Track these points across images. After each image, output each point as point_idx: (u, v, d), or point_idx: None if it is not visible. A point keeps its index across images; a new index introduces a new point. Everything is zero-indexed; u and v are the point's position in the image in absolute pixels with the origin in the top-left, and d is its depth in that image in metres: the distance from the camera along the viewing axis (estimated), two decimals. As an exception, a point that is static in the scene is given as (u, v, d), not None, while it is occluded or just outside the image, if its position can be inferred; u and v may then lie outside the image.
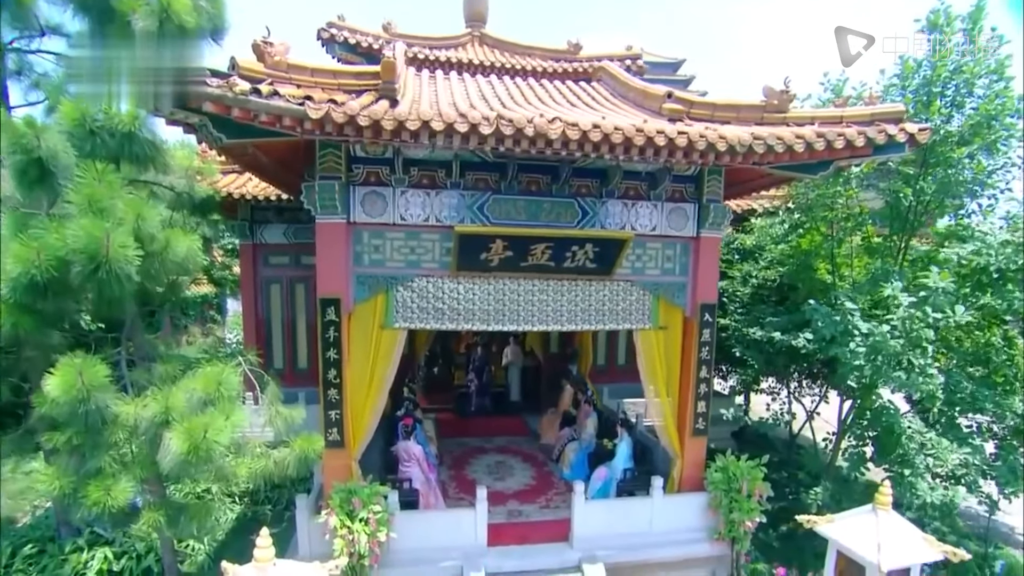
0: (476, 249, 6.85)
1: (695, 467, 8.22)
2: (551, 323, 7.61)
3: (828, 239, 9.48)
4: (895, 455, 7.36)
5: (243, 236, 11.88)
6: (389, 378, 7.24)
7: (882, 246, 9.23)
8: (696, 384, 8.03)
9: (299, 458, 5.43)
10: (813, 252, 10.08)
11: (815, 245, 10.04)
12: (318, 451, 5.61)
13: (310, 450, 5.44)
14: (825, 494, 8.07)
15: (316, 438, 5.61)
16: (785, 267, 10.99)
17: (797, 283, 10.47)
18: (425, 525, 7.25)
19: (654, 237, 7.78)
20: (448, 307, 7.26)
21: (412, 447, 8.27)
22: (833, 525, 5.75)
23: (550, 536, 7.86)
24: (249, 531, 9.83)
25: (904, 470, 7.47)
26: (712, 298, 8.00)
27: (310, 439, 5.50)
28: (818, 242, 10.20)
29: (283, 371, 12.67)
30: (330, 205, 6.63)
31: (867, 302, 8.47)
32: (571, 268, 7.33)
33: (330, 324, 6.88)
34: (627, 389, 13.09)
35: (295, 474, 5.57)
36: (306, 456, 5.44)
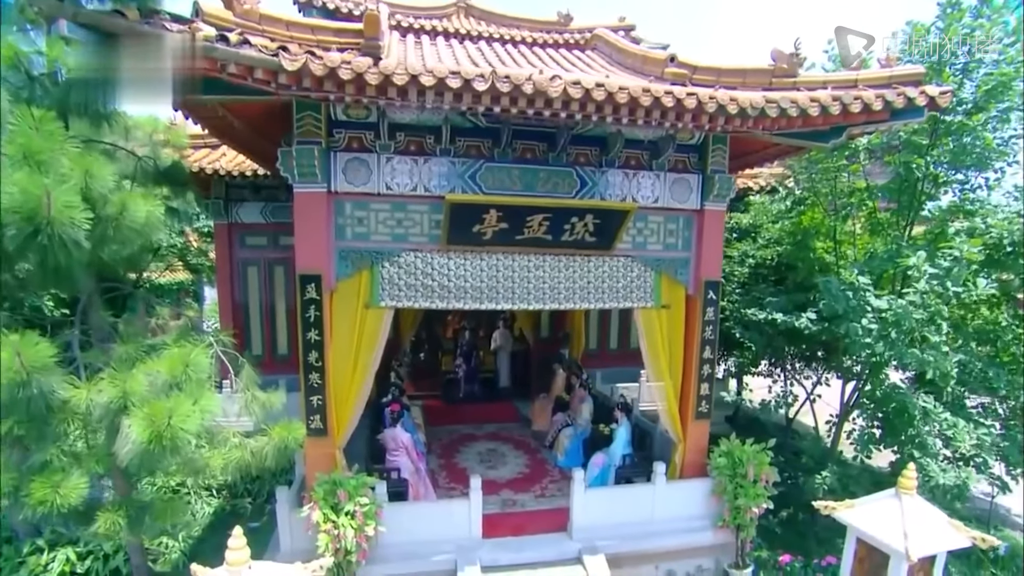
0: (468, 221, 6.35)
1: (698, 452, 7.86)
2: (548, 301, 7.15)
3: (830, 216, 9.14)
4: (907, 436, 7.05)
5: (217, 215, 11.21)
6: (375, 361, 6.74)
7: (887, 222, 8.90)
8: (699, 365, 7.65)
9: (278, 448, 4.93)
10: (813, 230, 9.75)
11: (816, 223, 9.71)
12: (299, 440, 5.11)
13: (290, 439, 4.94)
14: (832, 478, 7.76)
15: (296, 426, 5.10)
16: (783, 246, 10.68)
17: (796, 262, 10.16)
18: (415, 517, 6.80)
19: (656, 210, 7.34)
20: (438, 284, 6.76)
21: (400, 435, 7.80)
22: (853, 511, 5.41)
23: (547, 526, 7.46)
24: (228, 526, 9.25)
25: (915, 452, 7.19)
26: (716, 275, 7.60)
27: (290, 427, 5.00)
28: (819, 219, 9.87)
29: (262, 358, 12.07)
30: (309, 172, 6.08)
31: (872, 279, 8.16)
32: (569, 242, 6.87)
33: (310, 303, 6.35)
34: (620, 373, 12.69)
35: (274, 465, 5.07)
36: (286, 446, 4.94)
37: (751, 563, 7.63)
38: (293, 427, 5.01)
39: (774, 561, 8.12)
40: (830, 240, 9.48)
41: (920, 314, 6.49)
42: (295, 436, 4.98)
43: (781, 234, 10.98)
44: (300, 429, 5.10)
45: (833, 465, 8.06)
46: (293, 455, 5.43)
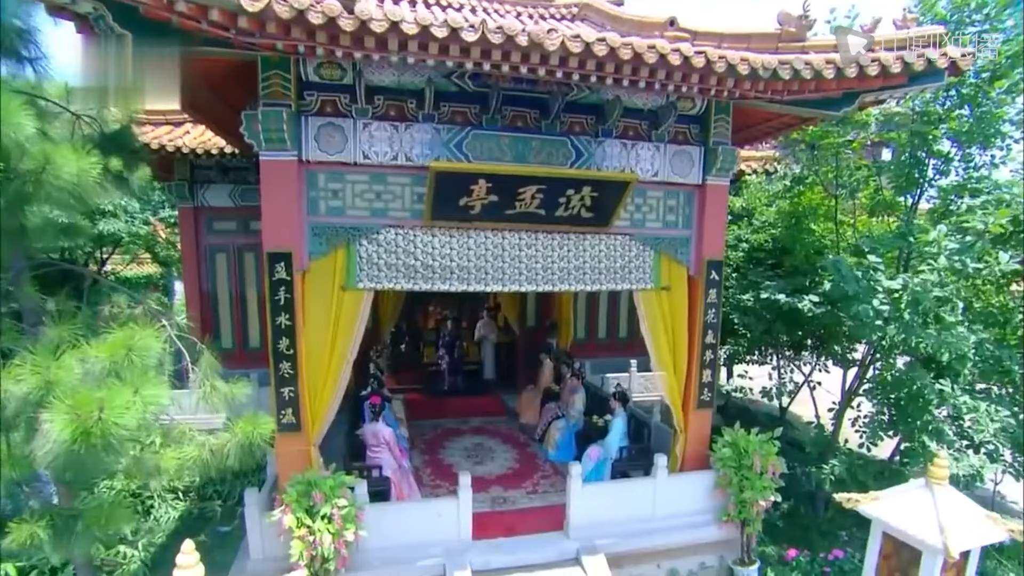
0: (455, 192, 5.77)
1: (699, 443, 7.41)
2: (540, 283, 6.62)
3: (831, 196, 8.73)
4: (921, 423, 6.67)
5: (182, 198, 10.46)
6: (352, 349, 6.13)
7: (889, 202, 8.51)
8: (701, 351, 7.18)
9: (241, 446, 4.32)
10: (812, 211, 9.36)
11: (815, 203, 9.31)
12: (265, 436, 4.49)
13: (255, 435, 4.32)
14: (840, 468, 7.36)
15: (263, 420, 4.49)
16: (778, 228, 10.31)
17: (794, 245, 9.78)
18: (400, 519, 6.22)
19: (655, 184, 6.85)
20: (422, 264, 6.18)
21: (382, 429, 7.21)
22: (878, 504, 4.97)
23: (542, 525, 6.95)
24: (195, 531, 8.64)
25: (925, 439, 6.82)
26: (719, 254, 7.13)
27: (255, 421, 4.39)
28: (818, 200, 9.48)
29: (233, 351, 11.39)
30: (277, 139, 5.44)
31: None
32: (564, 218, 6.33)
33: (280, 284, 5.73)
34: (609, 364, 12.27)
35: (237, 465, 4.45)
36: (251, 443, 4.32)
37: (757, 559, 7.21)
38: (258, 422, 4.40)
39: (779, 556, 7.71)
40: (830, 221, 9.08)
41: (940, 292, 6.10)
42: (261, 432, 4.37)
43: (776, 217, 10.61)
44: (267, 424, 4.48)
45: (841, 454, 7.66)
46: (264, 454, 4.79)
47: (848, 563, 7.48)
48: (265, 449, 4.53)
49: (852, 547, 8.00)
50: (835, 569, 7.39)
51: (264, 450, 4.51)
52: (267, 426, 4.42)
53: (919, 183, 7.76)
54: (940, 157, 7.66)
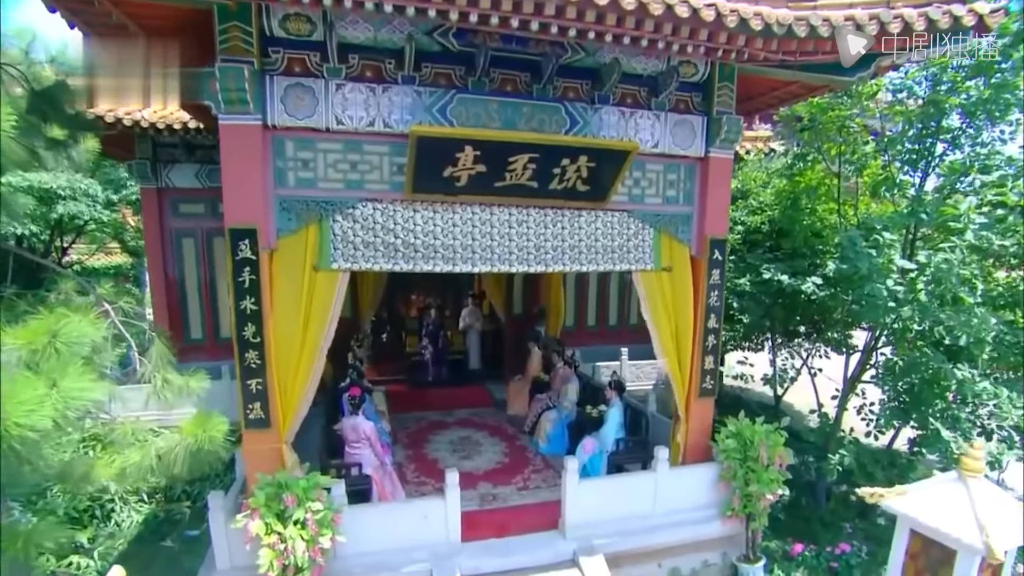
0: (439, 161, 5.21)
1: (701, 433, 6.97)
2: (532, 263, 6.10)
3: (835, 173, 8.29)
4: (937, 410, 6.29)
5: (144, 178, 9.74)
6: (327, 336, 5.57)
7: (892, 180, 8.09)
8: (704, 336, 6.73)
9: (192, 449, 3.74)
10: (812, 190, 8.93)
11: (816, 182, 8.88)
12: (218, 438, 3.90)
13: (205, 437, 3.74)
14: (849, 458, 6.97)
15: (216, 419, 3.90)
16: (776, 210, 9.89)
17: (793, 226, 9.36)
18: (382, 521, 5.69)
19: (655, 157, 6.35)
20: (402, 242, 5.62)
21: (362, 424, 6.66)
22: (906, 499, 4.55)
23: (535, 524, 6.46)
24: (161, 535, 8.04)
25: (940, 427, 6.46)
26: (722, 232, 6.67)
27: (207, 420, 3.81)
28: (818, 179, 9.05)
29: (203, 342, 10.76)
30: (238, 99, 4.83)
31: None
32: (558, 192, 5.81)
33: (244, 264, 5.14)
34: (598, 352, 11.84)
35: (187, 472, 3.87)
36: (202, 446, 3.74)
37: (762, 556, 6.81)
38: (212, 420, 3.81)
39: (784, 551, 7.34)
40: (831, 202, 8.66)
41: (965, 270, 5.70)
42: (214, 433, 3.78)
43: (774, 198, 10.20)
44: (220, 423, 3.90)
45: (849, 444, 7.28)
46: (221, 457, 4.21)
47: (855, 557, 7.13)
48: (219, 453, 3.95)
49: (856, 539, 7.67)
50: (842, 564, 7.04)
51: (217, 454, 3.92)
52: (220, 426, 3.84)
53: (928, 159, 7.34)
54: (948, 133, 7.24)
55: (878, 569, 7.12)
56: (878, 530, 7.91)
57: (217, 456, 4.15)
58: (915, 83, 7.32)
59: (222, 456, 4.20)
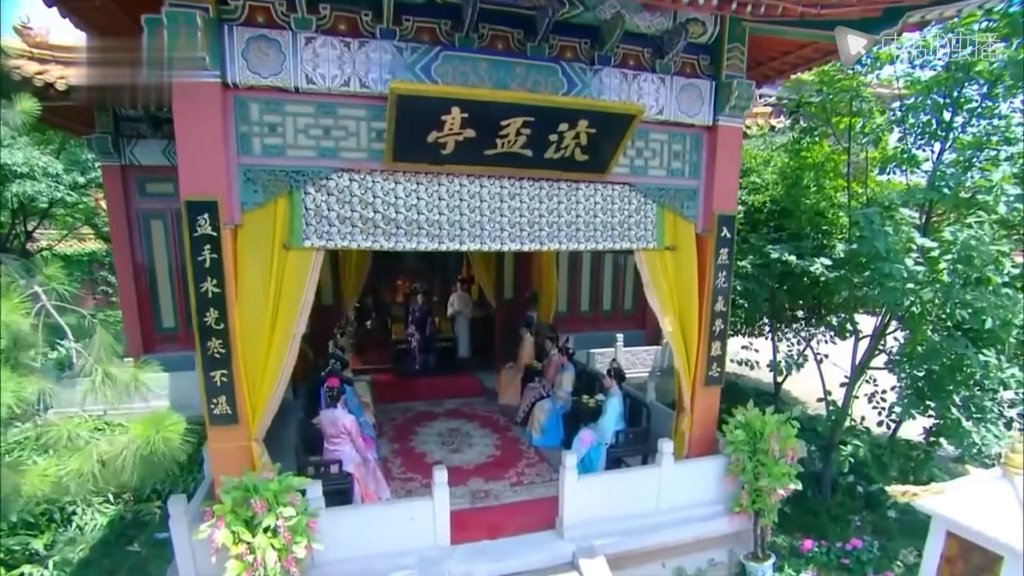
0: (422, 124, 4.64)
1: (706, 424, 6.53)
2: (526, 240, 5.58)
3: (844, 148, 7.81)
4: (961, 397, 5.88)
5: (105, 154, 9.02)
6: (299, 322, 5.01)
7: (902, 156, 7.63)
8: (711, 320, 6.26)
9: (142, 453, 3.20)
10: (819, 167, 8.46)
11: (821, 159, 8.40)
12: (174, 438, 3.36)
13: (159, 439, 3.20)
14: (863, 450, 6.56)
15: (170, 418, 3.37)
16: (779, 188, 9.43)
17: (796, 206, 8.91)
18: (364, 524, 5.18)
19: (660, 125, 5.83)
20: (382, 217, 5.07)
21: (341, 417, 6.13)
22: (943, 498, 4.12)
23: (530, 523, 6.00)
24: (128, 539, 7.46)
25: (961, 416, 6.06)
26: (731, 208, 6.18)
27: (161, 419, 3.27)
28: (825, 155, 8.58)
29: (175, 331, 10.12)
30: (191, 53, 4.23)
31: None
32: (555, 161, 5.27)
33: (204, 241, 4.57)
34: (592, 338, 11.37)
35: (136, 480, 3.34)
36: (155, 449, 3.20)
37: (771, 554, 6.41)
38: (164, 420, 3.27)
39: (792, 547, 6.95)
40: (840, 178, 8.19)
41: (1001, 246, 5.26)
42: (169, 434, 3.24)
43: (777, 176, 9.74)
44: (175, 423, 3.36)
45: (862, 434, 6.87)
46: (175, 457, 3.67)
47: (866, 552, 6.77)
48: (176, 456, 3.41)
49: (865, 533, 7.32)
50: (853, 559, 6.69)
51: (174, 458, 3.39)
52: (175, 426, 3.30)
53: (948, 130, 6.88)
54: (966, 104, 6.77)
55: (890, 564, 6.77)
56: (887, 523, 7.56)
57: (174, 460, 3.63)
58: (932, 52, 6.85)
59: (179, 460, 3.67)
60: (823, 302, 9.31)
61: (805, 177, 8.37)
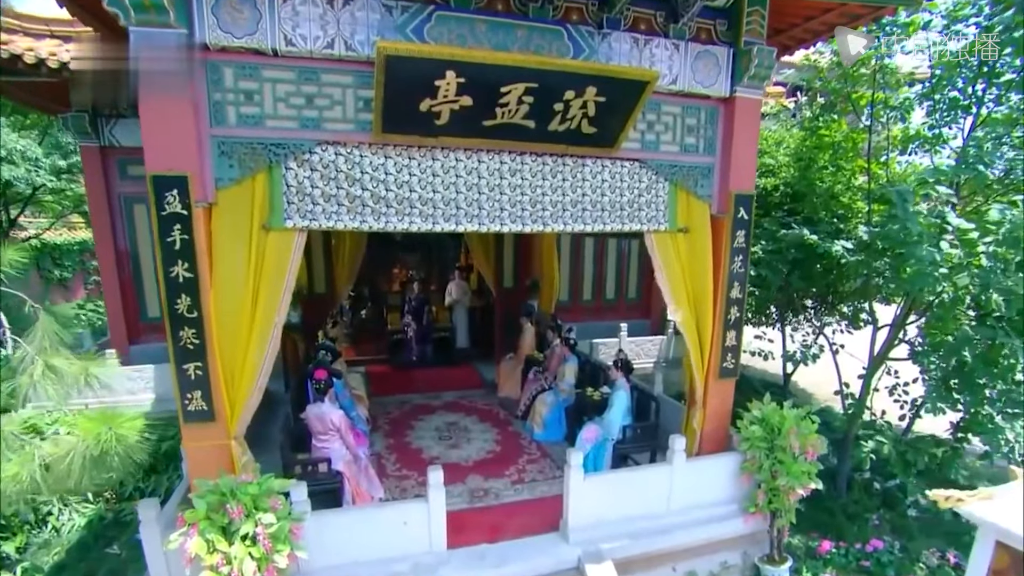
0: (414, 90, 4.19)
1: (720, 419, 6.14)
2: (528, 221, 5.15)
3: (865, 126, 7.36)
4: (999, 390, 5.48)
5: (82, 134, 8.56)
6: (282, 309, 4.58)
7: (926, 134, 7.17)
8: (726, 307, 5.84)
9: (93, 455, 2.78)
10: (838, 146, 8.01)
11: (842, 137, 7.95)
12: (130, 437, 2.95)
13: (111, 438, 2.78)
14: (888, 446, 6.16)
15: (126, 416, 2.96)
16: (794, 170, 8.99)
17: (811, 188, 8.49)
18: (354, 529, 4.78)
19: (673, 96, 5.39)
20: (371, 195, 4.63)
21: (329, 412, 5.72)
22: (992, 504, 3.72)
23: (532, 524, 5.61)
24: (107, 541, 7.06)
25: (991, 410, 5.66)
26: (749, 187, 5.74)
27: (111, 416, 2.86)
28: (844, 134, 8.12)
29: (162, 321, 9.64)
30: (153, 4, 3.77)
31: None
32: (560, 134, 4.82)
33: (173, 221, 4.15)
34: (595, 328, 10.99)
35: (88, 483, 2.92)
36: (107, 450, 2.79)
37: (788, 556, 6.03)
38: (117, 416, 2.86)
39: (809, 548, 6.58)
40: (861, 159, 7.75)
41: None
42: (125, 432, 2.83)
43: (790, 157, 9.31)
44: (130, 421, 2.95)
45: (886, 430, 6.48)
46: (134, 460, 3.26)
47: (887, 554, 6.40)
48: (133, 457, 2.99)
49: (884, 532, 6.95)
50: (874, 562, 6.32)
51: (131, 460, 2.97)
52: (131, 423, 2.89)
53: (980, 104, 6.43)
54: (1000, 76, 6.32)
55: (912, 566, 6.40)
56: (906, 522, 7.18)
57: (131, 460, 3.22)
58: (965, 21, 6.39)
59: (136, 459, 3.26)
60: (837, 290, 8.91)
61: (821, 157, 7.93)
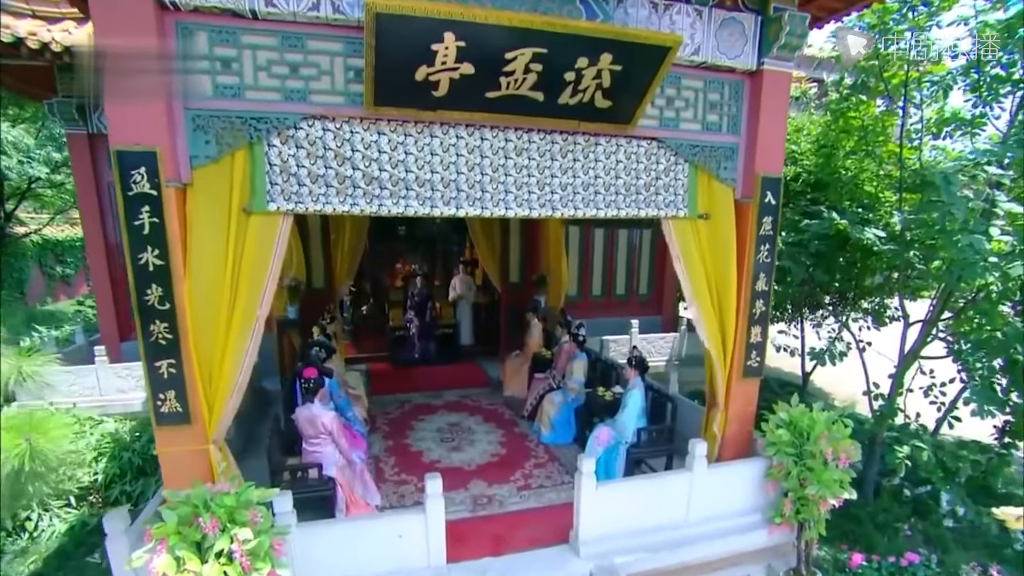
0: (409, 55, 3.75)
1: (743, 421, 5.68)
2: (535, 205, 4.70)
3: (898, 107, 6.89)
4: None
5: (69, 121, 8.17)
6: (264, 301, 4.16)
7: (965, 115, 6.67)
8: (751, 301, 5.38)
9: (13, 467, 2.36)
10: (866, 130, 7.53)
11: (871, 121, 7.47)
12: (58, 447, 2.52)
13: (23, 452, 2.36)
14: (927, 452, 5.68)
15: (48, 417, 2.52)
16: (819, 157, 8.54)
17: (836, 176, 8.03)
18: (344, 542, 4.35)
19: (695, 69, 4.93)
20: (363, 175, 4.20)
21: (320, 414, 5.29)
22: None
23: (540, 535, 5.17)
24: (88, 548, 6.67)
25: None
26: (777, 169, 5.27)
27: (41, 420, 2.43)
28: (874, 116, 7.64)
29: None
30: (112, -43, 3.36)
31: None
32: (571, 108, 4.37)
33: (140, 202, 3.72)
34: (605, 324, 10.53)
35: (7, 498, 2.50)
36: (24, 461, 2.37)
37: (816, 570, 5.57)
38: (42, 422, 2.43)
39: (838, 561, 6.13)
40: (892, 143, 7.27)
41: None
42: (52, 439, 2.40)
43: (813, 144, 8.85)
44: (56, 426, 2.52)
45: (925, 434, 6.01)
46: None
47: (923, 568, 5.96)
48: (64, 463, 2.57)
49: (916, 544, 6.48)
50: (911, 577, 5.85)
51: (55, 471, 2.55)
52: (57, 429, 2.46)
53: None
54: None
55: (950, 581, 5.95)
56: (941, 532, 6.71)
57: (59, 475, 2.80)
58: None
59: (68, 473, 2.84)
60: (859, 284, 8.44)
61: (848, 141, 7.46)
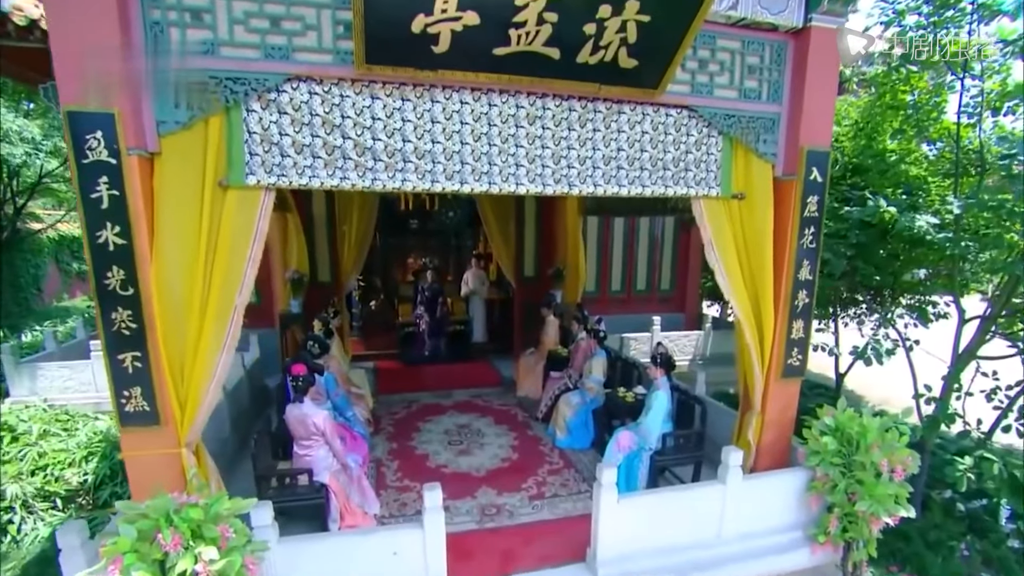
0: (404, 4, 3.23)
1: (782, 427, 5.09)
2: (549, 181, 4.17)
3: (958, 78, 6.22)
4: None
5: (62, 104, 7.81)
6: (244, 286, 3.68)
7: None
8: (792, 292, 4.79)
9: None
10: (916, 108, 6.87)
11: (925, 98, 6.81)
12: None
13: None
14: (996, 466, 5.03)
15: None
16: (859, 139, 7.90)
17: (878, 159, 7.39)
18: (331, 560, 3.87)
19: (732, 28, 4.35)
20: (355, 144, 3.70)
21: (311, 415, 4.80)
22: None
23: (553, 551, 4.64)
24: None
25: None
26: (825, 141, 4.66)
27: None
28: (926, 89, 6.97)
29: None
30: None
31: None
32: (591, 69, 3.81)
33: (97, 171, 3.29)
34: (625, 322, 10.00)
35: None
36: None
37: (862, 593, 4.96)
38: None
39: (885, 581, 5.50)
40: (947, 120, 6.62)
41: None
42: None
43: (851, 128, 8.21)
44: None
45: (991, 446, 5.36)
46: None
47: (985, 592, 5.28)
48: None
49: (975, 566, 5.83)
50: (969, 602, 5.20)
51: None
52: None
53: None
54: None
55: (1017, 611, 5.29)
56: (1003, 553, 6.03)
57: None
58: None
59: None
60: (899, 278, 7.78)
61: (895, 119, 6.83)
